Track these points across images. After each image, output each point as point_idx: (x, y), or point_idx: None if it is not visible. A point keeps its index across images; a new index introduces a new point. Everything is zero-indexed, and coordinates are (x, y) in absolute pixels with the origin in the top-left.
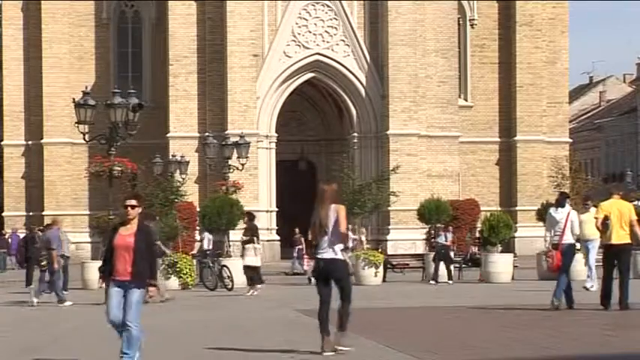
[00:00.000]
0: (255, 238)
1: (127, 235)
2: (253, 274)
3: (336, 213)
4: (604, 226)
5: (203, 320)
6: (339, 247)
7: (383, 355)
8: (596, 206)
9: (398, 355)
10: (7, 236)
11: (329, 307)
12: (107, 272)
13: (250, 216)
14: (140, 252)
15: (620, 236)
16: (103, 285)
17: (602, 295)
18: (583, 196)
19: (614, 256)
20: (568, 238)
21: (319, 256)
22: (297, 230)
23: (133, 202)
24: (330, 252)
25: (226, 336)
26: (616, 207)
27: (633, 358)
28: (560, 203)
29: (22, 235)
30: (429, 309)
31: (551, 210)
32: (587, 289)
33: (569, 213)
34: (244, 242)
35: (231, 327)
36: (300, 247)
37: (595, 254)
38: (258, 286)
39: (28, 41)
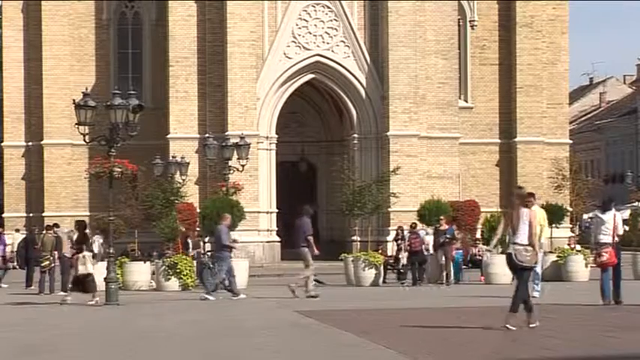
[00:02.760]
0: (84, 247)
1: None
2: (85, 284)
3: (527, 215)
4: None
5: (203, 322)
6: (526, 242)
7: (383, 356)
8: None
9: (398, 356)
10: None
11: (526, 290)
12: None
13: (81, 226)
14: None
15: None
16: None
17: None
18: (599, 196)
19: None
20: (615, 238)
21: (511, 250)
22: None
23: None
24: (518, 246)
25: (227, 337)
26: None
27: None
28: (606, 207)
29: (8, 236)
30: (429, 310)
31: (598, 212)
32: (534, 297)
33: (614, 215)
34: (74, 252)
35: (232, 328)
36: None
37: (541, 259)
38: (96, 299)
39: (28, 42)
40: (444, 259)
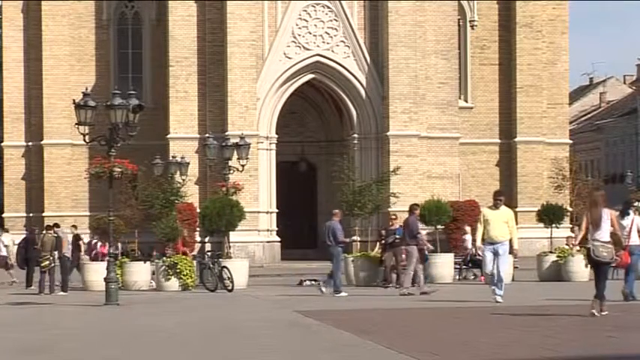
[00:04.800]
0: None
1: None
2: None
3: (608, 215)
4: None
5: (203, 322)
6: (606, 239)
7: (383, 356)
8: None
9: (398, 356)
10: None
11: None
12: None
13: None
14: None
15: None
16: None
17: None
18: (495, 192)
19: None
20: (635, 240)
21: (593, 245)
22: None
23: None
24: (598, 243)
25: (226, 337)
26: None
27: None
28: (625, 212)
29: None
30: (428, 310)
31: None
32: (498, 302)
33: (633, 219)
34: None
35: (231, 328)
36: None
37: (506, 260)
38: None
39: (28, 42)
40: (393, 259)
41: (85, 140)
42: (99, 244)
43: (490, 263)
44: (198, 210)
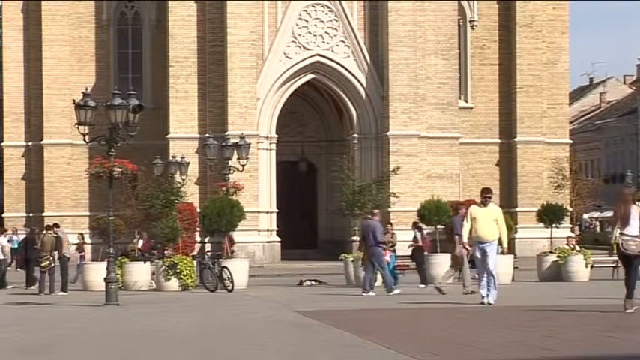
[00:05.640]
0: None
1: None
2: None
3: (636, 212)
4: None
5: (203, 322)
6: (635, 234)
7: (383, 356)
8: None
9: (398, 356)
10: None
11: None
12: None
13: None
14: None
15: None
16: None
17: None
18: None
19: None
20: None
21: (622, 239)
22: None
23: None
24: (626, 237)
25: (226, 337)
26: None
27: None
28: None
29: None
30: (428, 310)
31: None
32: (489, 303)
33: None
34: None
35: (231, 328)
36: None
37: (495, 259)
38: None
39: (28, 42)
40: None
41: (85, 140)
42: (141, 241)
43: (480, 263)
44: (198, 210)
